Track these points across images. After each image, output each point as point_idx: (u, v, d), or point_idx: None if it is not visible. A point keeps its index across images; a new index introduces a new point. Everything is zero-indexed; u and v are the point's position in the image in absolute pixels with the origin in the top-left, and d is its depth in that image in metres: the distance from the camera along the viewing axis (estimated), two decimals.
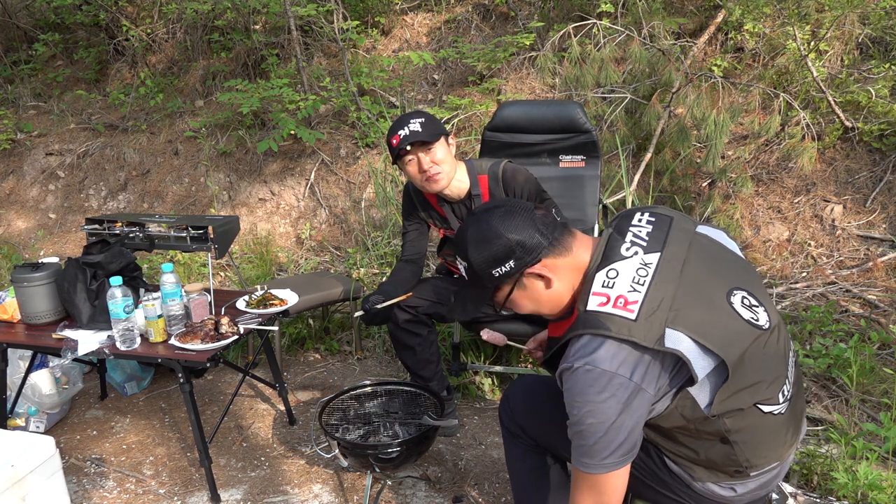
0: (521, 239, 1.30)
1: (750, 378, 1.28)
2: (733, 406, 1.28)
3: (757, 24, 4.13)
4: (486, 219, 1.33)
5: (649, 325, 1.22)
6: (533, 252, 1.30)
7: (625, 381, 1.21)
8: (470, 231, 1.34)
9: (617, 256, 1.30)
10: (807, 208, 3.66)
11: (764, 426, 1.33)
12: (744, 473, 1.34)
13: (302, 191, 4.65)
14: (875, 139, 3.69)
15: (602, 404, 1.22)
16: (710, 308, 1.27)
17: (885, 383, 2.52)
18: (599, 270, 1.29)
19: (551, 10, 4.88)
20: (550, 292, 1.35)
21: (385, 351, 3.27)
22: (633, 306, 1.23)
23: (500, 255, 1.31)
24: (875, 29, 3.95)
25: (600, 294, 1.26)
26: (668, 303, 1.24)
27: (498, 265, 1.32)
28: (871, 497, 1.93)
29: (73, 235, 4.99)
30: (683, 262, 1.30)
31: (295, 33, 4.72)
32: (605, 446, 1.24)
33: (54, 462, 1.94)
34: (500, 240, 1.30)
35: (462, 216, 2.34)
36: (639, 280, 1.26)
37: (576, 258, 1.34)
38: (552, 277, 1.33)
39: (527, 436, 1.67)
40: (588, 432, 1.24)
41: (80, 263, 2.32)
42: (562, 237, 1.33)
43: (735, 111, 3.59)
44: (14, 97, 6.00)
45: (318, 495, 2.26)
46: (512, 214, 1.32)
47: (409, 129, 2.11)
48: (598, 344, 1.23)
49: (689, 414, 1.28)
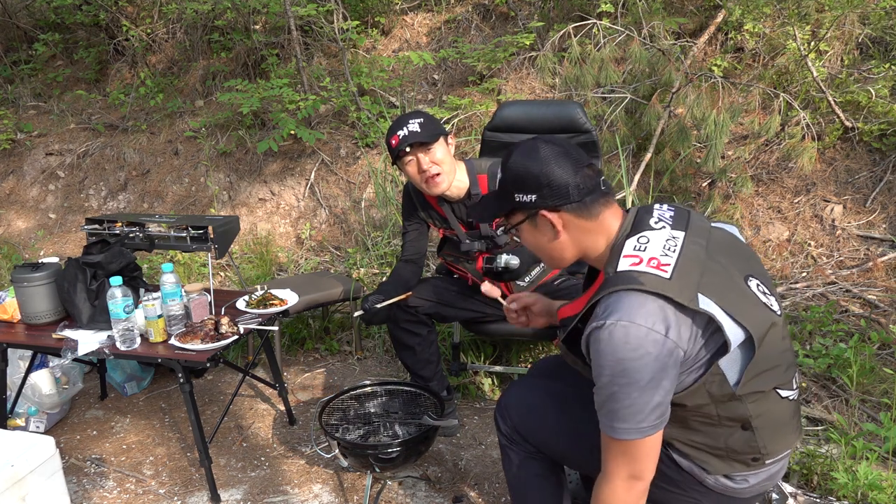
0: (553, 183, 1.30)
1: (771, 360, 1.29)
2: (757, 387, 1.28)
3: (757, 24, 4.13)
4: (539, 147, 1.34)
5: (683, 285, 1.21)
6: (556, 200, 1.31)
7: (660, 337, 1.19)
8: (521, 148, 1.36)
9: (646, 227, 1.32)
10: (807, 208, 3.66)
11: (780, 411, 1.34)
12: (760, 461, 1.34)
13: (302, 191, 4.66)
14: (875, 139, 3.69)
15: (637, 362, 1.19)
16: (734, 287, 1.28)
17: (885, 383, 2.52)
18: (629, 238, 1.30)
19: (551, 10, 4.88)
20: (554, 244, 1.36)
21: (385, 351, 3.27)
22: (667, 268, 1.23)
23: (528, 185, 1.32)
24: (875, 29, 3.95)
25: (632, 256, 1.27)
26: (699, 274, 1.25)
27: (521, 192, 1.33)
28: (871, 497, 1.93)
29: (73, 235, 4.99)
30: (706, 246, 1.32)
31: (295, 33, 4.72)
32: (640, 408, 1.21)
33: (54, 462, 1.94)
34: (535, 172, 1.31)
35: (462, 216, 2.34)
36: (669, 248, 1.27)
37: (600, 225, 1.34)
38: (560, 231, 1.34)
39: (527, 442, 1.62)
40: (622, 394, 1.21)
41: (80, 263, 2.32)
42: (593, 203, 1.33)
43: (735, 111, 3.59)
44: (14, 97, 6.00)
45: (318, 495, 2.26)
46: (562, 159, 1.32)
47: (409, 129, 2.11)
48: (632, 299, 1.21)
49: (716, 391, 1.26)
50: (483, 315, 2.47)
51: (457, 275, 2.51)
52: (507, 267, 2.11)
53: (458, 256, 2.41)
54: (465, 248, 2.33)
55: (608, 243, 1.34)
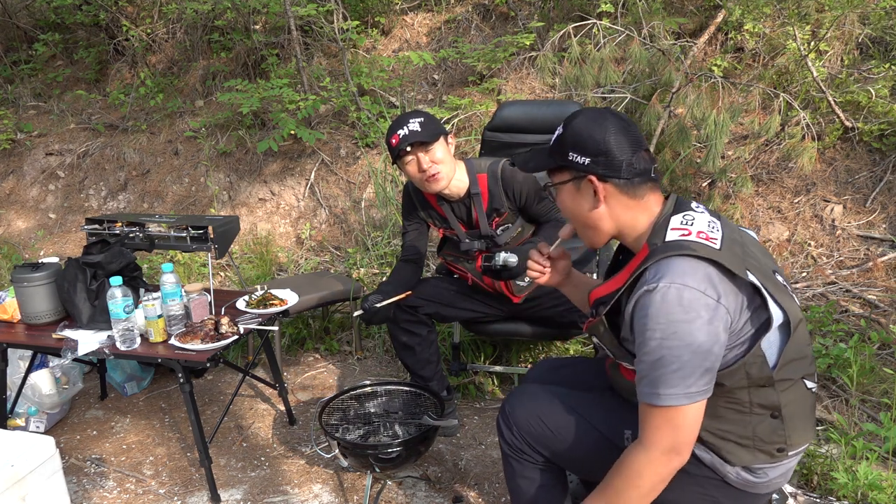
0: (610, 153, 1.32)
1: (800, 350, 1.30)
2: (790, 374, 1.29)
3: (757, 24, 4.13)
4: (608, 115, 1.35)
5: (732, 256, 1.24)
6: (608, 169, 1.32)
7: (713, 302, 1.19)
8: (589, 111, 1.37)
9: (689, 209, 1.34)
10: (807, 208, 3.66)
11: (805, 402, 1.35)
12: (784, 452, 1.34)
13: (302, 191, 4.66)
14: (875, 139, 3.69)
15: (689, 325, 1.19)
16: (771, 276, 1.30)
17: (885, 383, 2.52)
18: (674, 215, 1.33)
19: (551, 10, 4.88)
20: (592, 213, 1.37)
21: (385, 351, 3.27)
22: (715, 241, 1.26)
23: (587, 147, 1.33)
24: (875, 29, 3.95)
25: (680, 228, 1.29)
26: (742, 253, 1.27)
27: (579, 152, 1.34)
28: (871, 497, 1.93)
29: (73, 235, 4.99)
30: (740, 238, 1.35)
31: (295, 33, 4.72)
32: (690, 372, 1.20)
33: (54, 462, 1.94)
34: (599, 137, 1.32)
35: (461, 216, 2.34)
36: (713, 227, 1.30)
37: (642, 205, 1.36)
38: (601, 201, 1.35)
39: (534, 452, 1.56)
40: (671, 357, 1.20)
41: (80, 263, 2.32)
42: (641, 186, 1.35)
43: (735, 111, 3.59)
44: (14, 97, 6.00)
45: (318, 495, 2.26)
46: (624, 135, 1.33)
47: (409, 128, 2.11)
48: (684, 264, 1.22)
49: (755, 373, 1.27)
50: (483, 315, 2.47)
51: (457, 275, 2.51)
52: (505, 265, 2.11)
53: (458, 256, 2.41)
54: (464, 247, 2.33)
55: (650, 221, 1.36)
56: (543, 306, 2.40)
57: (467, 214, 2.32)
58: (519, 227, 2.34)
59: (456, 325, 2.83)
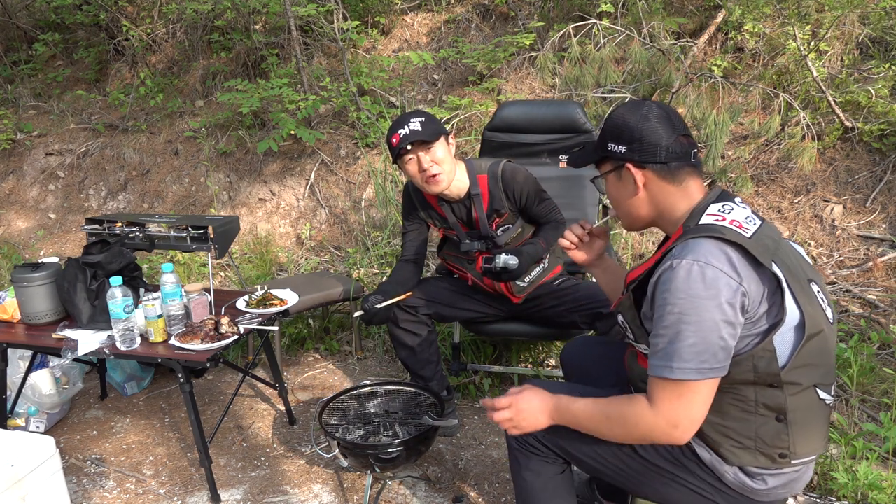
0: (645, 139, 1.36)
1: (816, 358, 1.30)
2: (800, 379, 1.29)
3: (757, 24, 4.13)
4: (648, 105, 1.40)
5: (761, 248, 1.26)
6: (644, 155, 1.36)
7: (734, 283, 1.22)
8: (631, 102, 1.43)
9: (731, 200, 1.37)
10: (807, 208, 3.66)
11: (816, 411, 1.35)
12: (787, 459, 1.33)
13: (302, 191, 4.66)
14: (875, 139, 3.69)
15: (709, 301, 1.21)
16: (800, 280, 1.31)
17: (885, 383, 2.52)
18: (714, 203, 1.35)
19: (551, 10, 4.88)
20: (632, 200, 1.41)
21: (385, 351, 3.27)
22: (748, 231, 1.28)
23: (623, 136, 1.38)
24: (875, 29, 3.95)
25: (715, 215, 1.32)
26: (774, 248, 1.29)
27: (615, 142, 1.39)
28: (871, 497, 1.93)
29: (73, 235, 4.99)
30: (779, 239, 1.36)
31: (295, 33, 4.72)
32: (705, 348, 1.22)
33: (54, 462, 1.94)
34: (632, 126, 1.37)
35: (461, 216, 2.34)
36: (751, 220, 1.32)
37: (683, 191, 1.38)
38: (640, 188, 1.39)
39: (542, 444, 1.55)
40: (688, 332, 1.22)
41: (80, 263, 2.32)
42: (679, 169, 1.37)
43: (735, 111, 3.59)
44: (14, 97, 6.00)
45: (318, 495, 2.26)
46: (660, 121, 1.37)
47: (410, 127, 2.11)
48: (709, 244, 1.25)
49: (763, 368, 1.27)
50: (483, 315, 2.47)
51: (457, 275, 2.51)
52: (505, 267, 2.11)
53: (458, 256, 2.41)
54: (464, 248, 2.33)
55: (689, 207, 1.38)
56: (543, 306, 2.40)
57: (467, 215, 2.32)
58: (519, 228, 2.34)
59: (456, 325, 2.83)
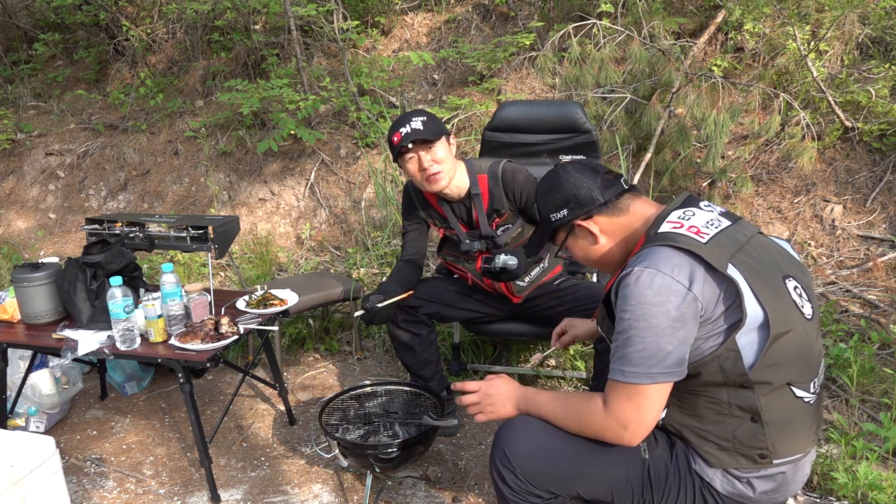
0: (577, 193, 1.43)
1: (788, 356, 1.31)
2: (770, 377, 1.30)
3: (757, 24, 4.13)
4: (558, 171, 1.49)
5: (717, 252, 1.28)
6: (585, 206, 1.43)
7: (683, 289, 1.24)
8: (544, 180, 1.51)
9: (695, 206, 1.40)
10: (807, 208, 3.66)
11: (793, 410, 1.34)
12: (767, 459, 1.34)
13: (302, 191, 4.65)
14: (875, 139, 3.69)
15: (656, 308, 1.24)
16: (767, 276, 1.32)
17: (885, 383, 2.52)
18: (676, 210, 1.38)
19: (551, 10, 4.88)
20: (597, 248, 1.46)
21: (385, 351, 3.27)
22: (705, 235, 1.31)
23: (558, 203, 1.46)
24: (875, 29, 3.95)
25: (674, 222, 1.35)
26: (734, 250, 1.31)
27: (555, 211, 1.47)
28: (871, 497, 1.93)
29: (73, 235, 4.99)
30: (748, 238, 1.37)
31: (295, 33, 4.72)
32: (652, 353, 1.26)
33: (54, 462, 1.94)
34: (560, 190, 1.45)
35: (462, 216, 2.34)
36: (712, 225, 1.34)
37: (634, 215, 1.43)
38: (598, 235, 1.44)
39: (541, 489, 1.45)
40: (637, 337, 1.26)
41: (80, 263, 2.32)
42: (620, 199, 1.43)
43: (735, 111, 3.59)
44: (14, 97, 6.00)
45: (318, 495, 2.26)
46: (579, 172, 1.46)
47: (411, 126, 2.11)
48: (662, 252, 1.28)
49: (729, 368, 1.29)
50: (483, 315, 2.47)
51: (457, 275, 2.51)
52: (504, 267, 2.12)
53: (458, 256, 2.41)
54: (465, 248, 2.33)
55: (646, 220, 1.41)
56: (543, 306, 2.40)
57: (467, 215, 2.32)
58: (519, 228, 2.34)
59: (456, 325, 2.83)
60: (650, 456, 1.43)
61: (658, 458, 1.42)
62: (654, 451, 1.43)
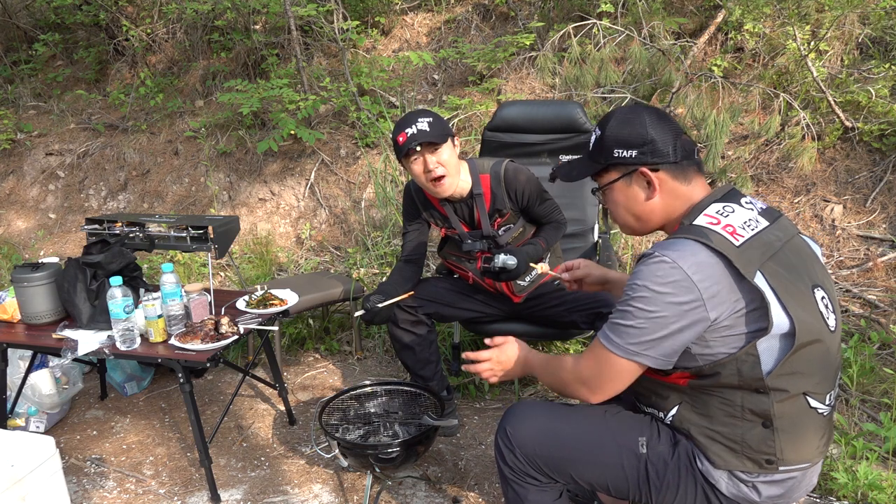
0: (657, 140, 1.34)
1: (808, 366, 1.30)
2: (787, 385, 1.29)
3: (757, 24, 4.13)
4: (641, 109, 1.39)
5: (748, 259, 1.25)
6: (658, 156, 1.35)
7: (696, 293, 1.22)
8: (622, 109, 1.41)
9: (736, 201, 1.36)
10: (807, 208, 3.66)
11: (806, 420, 1.34)
12: (774, 465, 1.33)
13: (302, 191, 4.66)
14: (875, 139, 3.69)
15: (661, 297, 1.23)
16: (796, 286, 1.30)
17: (885, 383, 2.52)
18: (717, 203, 1.34)
19: (551, 10, 4.88)
20: (646, 204, 1.39)
21: (385, 351, 3.27)
22: (740, 238, 1.27)
23: (631, 141, 1.36)
24: (875, 29, 3.95)
25: (712, 216, 1.31)
26: (766, 257, 1.28)
27: (624, 147, 1.36)
28: (871, 497, 1.93)
29: (73, 235, 4.99)
30: (784, 242, 1.34)
31: (295, 33, 4.72)
32: (637, 335, 1.26)
33: (54, 462, 1.94)
34: (640, 129, 1.35)
35: (463, 216, 2.34)
36: (750, 225, 1.31)
37: (689, 190, 1.37)
38: (657, 190, 1.37)
39: (538, 471, 1.49)
40: (630, 315, 1.27)
41: (80, 263, 2.32)
42: (689, 167, 1.37)
43: (735, 111, 3.59)
44: (14, 97, 6.00)
45: (318, 495, 2.26)
46: (663, 120, 1.37)
47: (417, 127, 2.09)
48: (690, 246, 1.25)
49: (746, 372, 1.27)
50: (483, 315, 2.47)
51: (457, 274, 2.51)
52: (504, 267, 2.11)
53: (459, 256, 2.41)
54: (466, 248, 2.32)
55: (691, 205, 1.37)
56: (544, 306, 2.40)
57: (469, 215, 2.32)
58: (521, 228, 2.34)
59: (456, 325, 2.83)
60: (649, 451, 1.42)
61: (658, 455, 1.42)
62: (655, 446, 1.42)
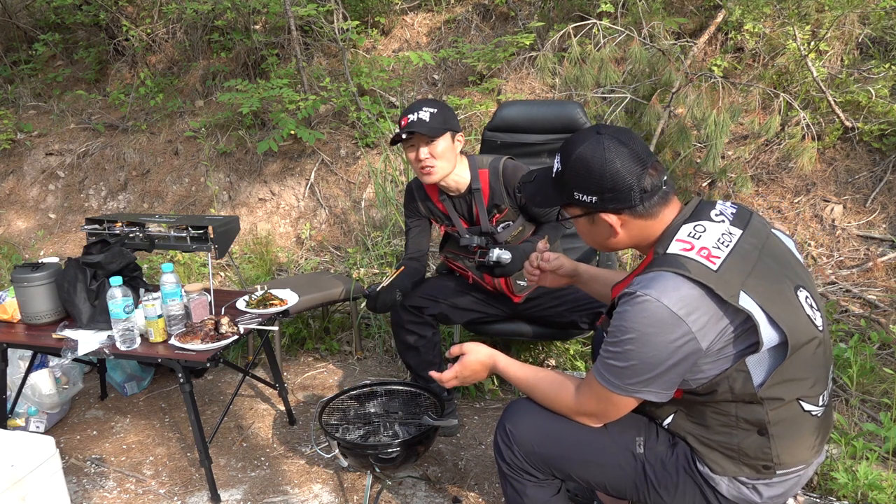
0: (616, 187, 1.29)
1: (800, 371, 1.30)
2: (780, 394, 1.29)
3: (757, 24, 4.13)
4: (607, 146, 1.30)
5: (728, 281, 1.23)
6: (618, 203, 1.31)
7: (685, 328, 1.21)
8: (587, 145, 1.31)
9: (705, 217, 1.33)
10: (807, 208, 3.66)
11: (800, 424, 1.34)
12: (771, 470, 1.34)
13: (302, 191, 4.65)
14: (875, 139, 3.69)
15: (651, 338, 1.23)
16: (781, 294, 1.29)
17: (885, 383, 2.52)
18: (686, 224, 1.32)
19: (551, 10, 4.87)
20: (610, 241, 1.39)
21: (385, 351, 3.27)
22: (716, 260, 1.25)
23: (590, 187, 1.31)
24: (875, 29, 3.95)
25: (685, 241, 1.29)
26: (746, 273, 1.26)
27: (582, 192, 1.33)
28: (871, 497, 1.93)
29: (73, 235, 4.99)
30: (760, 248, 1.33)
31: (295, 33, 4.72)
32: (633, 374, 1.27)
33: (54, 462, 1.94)
34: (599, 175, 1.29)
35: (462, 212, 2.34)
36: (724, 241, 1.29)
37: (657, 222, 1.35)
38: (619, 231, 1.35)
39: (536, 469, 1.50)
40: (623, 357, 1.27)
41: (80, 263, 2.32)
42: (654, 206, 1.32)
43: (735, 111, 3.59)
44: (14, 97, 6.00)
45: (318, 495, 2.26)
46: (627, 160, 1.28)
47: (419, 115, 2.14)
48: (670, 281, 1.23)
49: (738, 388, 1.27)
50: (484, 315, 2.47)
51: (458, 273, 2.51)
52: (498, 262, 2.12)
53: (459, 253, 2.42)
54: (464, 242, 2.33)
55: (662, 230, 1.35)
56: (544, 306, 2.40)
57: (468, 210, 2.33)
58: (520, 226, 2.34)
59: (456, 327, 2.83)
60: (646, 451, 1.43)
61: (656, 455, 1.42)
62: (653, 447, 1.43)
